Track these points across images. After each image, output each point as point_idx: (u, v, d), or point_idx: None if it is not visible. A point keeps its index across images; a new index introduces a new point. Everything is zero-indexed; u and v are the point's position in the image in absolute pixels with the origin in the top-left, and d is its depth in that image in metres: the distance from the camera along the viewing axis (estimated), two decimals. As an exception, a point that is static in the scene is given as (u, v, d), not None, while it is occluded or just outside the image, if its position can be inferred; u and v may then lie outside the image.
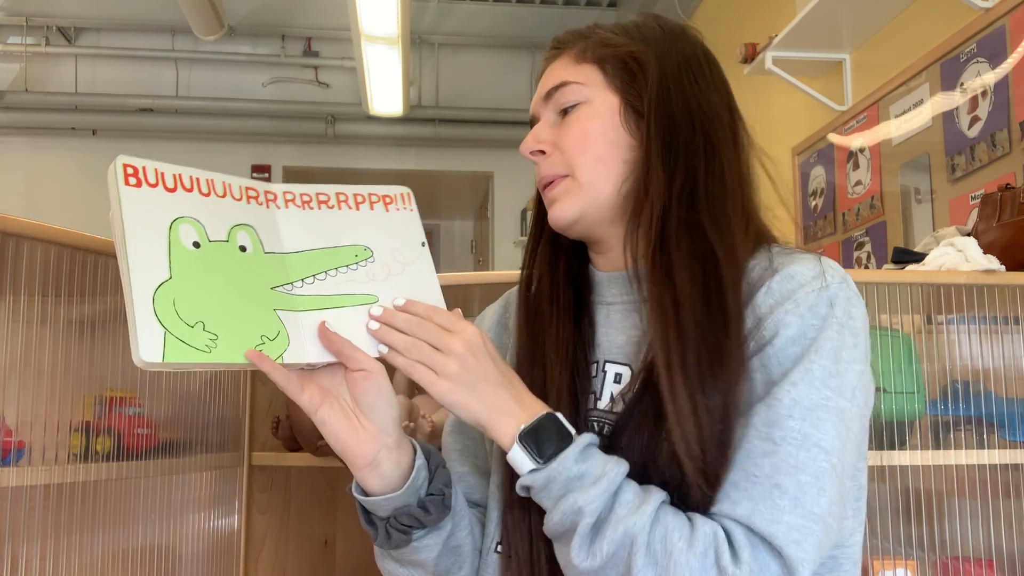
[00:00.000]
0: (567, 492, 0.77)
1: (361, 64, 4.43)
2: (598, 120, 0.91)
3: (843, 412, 0.78)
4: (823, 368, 0.78)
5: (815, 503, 0.75)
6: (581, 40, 0.96)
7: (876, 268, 2.72)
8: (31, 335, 1.25)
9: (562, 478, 0.77)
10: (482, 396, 0.80)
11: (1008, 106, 2.19)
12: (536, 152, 0.94)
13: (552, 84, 0.94)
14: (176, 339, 0.75)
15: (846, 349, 0.80)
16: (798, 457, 0.75)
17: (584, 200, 0.91)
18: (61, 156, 5.47)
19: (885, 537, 1.47)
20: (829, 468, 0.76)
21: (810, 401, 0.77)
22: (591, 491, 0.75)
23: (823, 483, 0.75)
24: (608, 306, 0.94)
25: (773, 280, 0.83)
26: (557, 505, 0.77)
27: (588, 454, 0.78)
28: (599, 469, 0.77)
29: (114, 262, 1.32)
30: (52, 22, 5.27)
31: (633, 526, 0.74)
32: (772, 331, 0.81)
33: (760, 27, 3.37)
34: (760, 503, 0.75)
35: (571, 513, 0.76)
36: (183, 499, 1.55)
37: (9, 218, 1.16)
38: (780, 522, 0.74)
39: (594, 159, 0.91)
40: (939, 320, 1.57)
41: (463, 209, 7.02)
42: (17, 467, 1.19)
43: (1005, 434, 1.49)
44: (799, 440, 0.76)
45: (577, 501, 0.75)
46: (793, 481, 0.75)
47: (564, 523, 0.76)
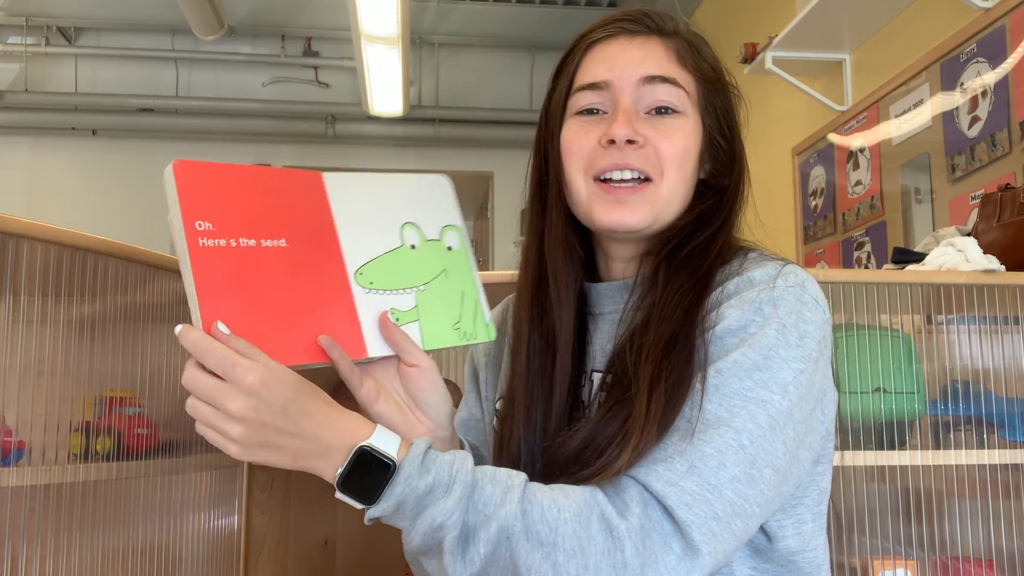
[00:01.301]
0: (421, 510, 0.72)
1: (361, 64, 4.43)
2: (694, 140, 0.90)
3: (766, 403, 0.77)
4: (751, 361, 0.78)
5: (713, 474, 0.74)
6: (673, 32, 0.92)
7: (876, 268, 2.71)
8: (31, 335, 1.25)
9: (412, 499, 0.72)
10: (281, 448, 0.73)
11: (1008, 106, 2.19)
12: (629, 142, 0.87)
13: (659, 72, 0.88)
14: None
15: (784, 348, 0.79)
16: (706, 434, 0.75)
17: (657, 213, 0.89)
18: (61, 156, 5.47)
19: (885, 537, 1.47)
20: (736, 447, 0.75)
21: (730, 389, 0.77)
22: (446, 503, 0.71)
23: (725, 458, 0.75)
24: (597, 316, 0.94)
25: (731, 282, 0.84)
26: (415, 525, 0.73)
27: (429, 463, 0.74)
28: (447, 475, 0.73)
29: (114, 262, 1.32)
30: (52, 22, 5.27)
31: (504, 519, 0.71)
32: (714, 321, 0.81)
33: (760, 27, 3.37)
34: (659, 465, 0.75)
35: (432, 531, 0.72)
36: (183, 499, 1.54)
37: (9, 218, 1.16)
38: (673, 484, 0.74)
39: (683, 178, 0.89)
40: (939, 320, 1.57)
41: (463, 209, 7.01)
42: (17, 467, 1.19)
43: (1005, 434, 1.49)
44: (711, 421, 0.76)
45: (436, 518, 0.71)
46: (695, 451, 0.75)
47: (427, 542, 0.73)
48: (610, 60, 0.90)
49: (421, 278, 0.87)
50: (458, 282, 0.89)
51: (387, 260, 0.86)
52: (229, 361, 0.71)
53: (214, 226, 0.77)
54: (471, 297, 0.88)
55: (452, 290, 0.88)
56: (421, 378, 0.83)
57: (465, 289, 0.89)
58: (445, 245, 0.90)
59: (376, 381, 0.84)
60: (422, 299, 0.86)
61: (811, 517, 0.86)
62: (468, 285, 0.89)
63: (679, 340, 0.80)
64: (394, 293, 0.85)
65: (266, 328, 0.77)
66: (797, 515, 0.86)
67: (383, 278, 0.85)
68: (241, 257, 0.77)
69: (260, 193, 0.81)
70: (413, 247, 0.87)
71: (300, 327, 0.79)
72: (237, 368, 0.71)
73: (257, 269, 0.78)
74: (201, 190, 0.77)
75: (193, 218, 0.76)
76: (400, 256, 0.86)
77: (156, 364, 1.45)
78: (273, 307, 0.78)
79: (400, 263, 0.86)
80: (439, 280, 0.88)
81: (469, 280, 0.90)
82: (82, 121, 5.37)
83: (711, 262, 0.86)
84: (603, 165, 0.88)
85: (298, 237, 0.81)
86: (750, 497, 0.76)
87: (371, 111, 5.14)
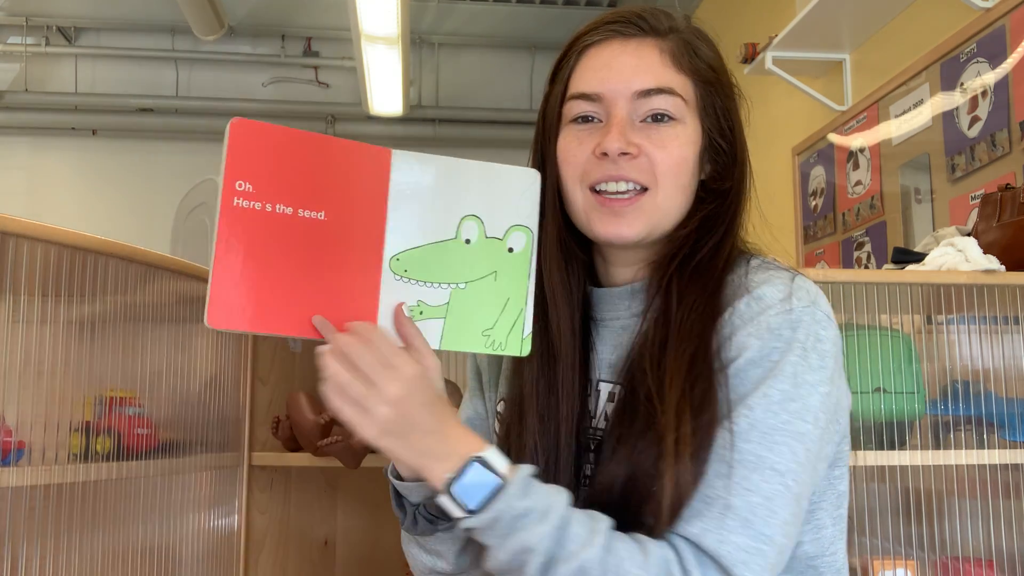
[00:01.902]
0: (513, 531, 0.74)
1: (361, 64, 4.43)
2: (692, 148, 0.88)
3: (803, 435, 0.78)
4: (781, 392, 0.78)
5: (765, 524, 0.75)
6: (670, 32, 0.89)
7: (876, 268, 2.71)
8: (31, 335, 1.25)
9: (507, 517, 0.74)
10: (411, 444, 0.76)
11: (1008, 106, 2.19)
12: (623, 153, 0.86)
13: (654, 85, 0.86)
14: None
15: (810, 372, 0.80)
16: (751, 479, 0.76)
17: (654, 223, 0.87)
18: (61, 156, 5.47)
19: (885, 537, 1.47)
20: (783, 490, 0.76)
21: (767, 425, 0.77)
22: (539, 528, 0.74)
23: (774, 505, 0.76)
24: (600, 323, 0.93)
25: (741, 301, 0.83)
26: (504, 544, 0.75)
27: (530, 489, 0.76)
28: (544, 503, 0.75)
29: (114, 262, 1.33)
30: (52, 22, 5.27)
31: (586, 561, 0.73)
32: (735, 352, 0.81)
33: (760, 27, 3.37)
34: (711, 523, 0.75)
35: (520, 552, 0.74)
36: (183, 499, 1.54)
37: (9, 218, 1.16)
38: (729, 542, 0.74)
39: (680, 187, 0.88)
40: (939, 320, 1.57)
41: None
42: (17, 467, 1.19)
43: (1005, 434, 1.49)
44: (753, 463, 0.76)
45: (527, 540, 0.74)
46: (744, 502, 0.75)
47: (512, 562, 0.75)
48: (604, 68, 0.88)
49: (464, 275, 0.83)
50: (507, 287, 0.85)
51: (431, 250, 0.83)
52: (395, 350, 0.77)
53: (254, 188, 0.77)
54: (516, 306, 0.85)
55: (496, 294, 0.84)
56: None
57: (512, 296, 0.85)
58: (507, 246, 0.85)
59: None
60: (457, 297, 0.83)
61: (830, 522, 0.87)
62: (517, 292, 0.85)
63: (700, 368, 0.80)
64: (428, 285, 0.82)
65: (276, 296, 0.77)
66: (816, 520, 0.86)
67: (420, 268, 0.82)
68: (273, 223, 0.77)
69: (314, 162, 0.80)
70: (468, 241, 0.84)
71: (311, 302, 0.78)
72: (401, 357, 0.76)
73: (285, 238, 0.78)
74: (253, 150, 0.78)
75: (235, 177, 0.76)
76: (448, 249, 0.83)
77: (156, 364, 1.45)
78: (289, 277, 0.78)
79: (445, 256, 0.83)
80: (485, 281, 0.84)
81: (521, 287, 0.85)
82: (82, 121, 5.37)
83: (721, 271, 0.86)
84: (597, 176, 0.87)
85: (340, 212, 0.80)
86: (793, 535, 0.79)
87: (371, 111, 5.14)
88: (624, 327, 0.91)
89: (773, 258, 0.91)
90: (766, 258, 0.90)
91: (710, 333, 0.81)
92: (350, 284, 0.80)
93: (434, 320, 0.83)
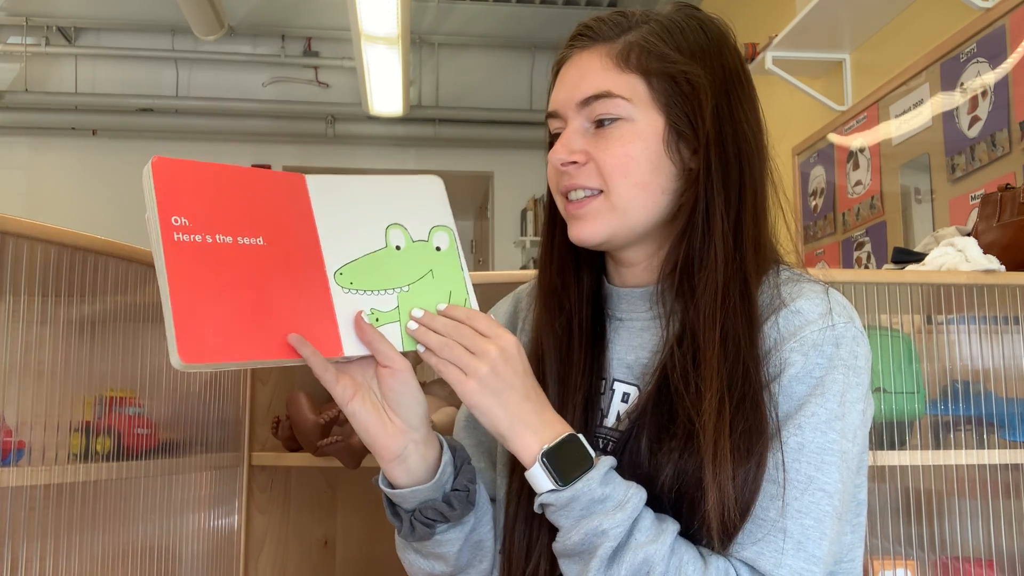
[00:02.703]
0: (590, 514, 0.77)
1: (361, 64, 4.43)
2: (641, 143, 0.87)
3: (845, 454, 0.80)
4: (828, 411, 0.80)
5: (817, 547, 0.78)
6: (619, 35, 0.89)
7: (876, 268, 2.71)
8: (31, 335, 1.25)
9: (585, 499, 0.77)
10: (506, 404, 0.79)
11: (1008, 106, 2.19)
12: (568, 163, 0.89)
13: (591, 92, 0.87)
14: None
15: (850, 389, 0.81)
16: (802, 501, 0.78)
17: (615, 224, 0.88)
18: (61, 156, 5.47)
19: (885, 537, 1.47)
20: (831, 511, 0.79)
21: (815, 445, 0.79)
22: (616, 515, 0.76)
23: (824, 527, 0.78)
24: (618, 322, 0.94)
25: (780, 315, 0.84)
26: (578, 525, 0.77)
27: (610, 478, 0.79)
28: (622, 494, 0.78)
29: (114, 262, 1.32)
30: (52, 22, 5.27)
31: (653, 554, 0.76)
32: (777, 368, 0.82)
33: (760, 27, 3.37)
34: (765, 546, 0.78)
35: (594, 535, 0.76)
36: (183, 499, 1.54)
37: (9, 218, 1.16)
38: (783, 565, 0.77)
39: (634, 184, 0.87)
40: (939, 320, 1.57)
41: (463, 209, 7.03)
42: (17, 467, 1.19)
43: (1005, 434, 1.49)
44: (804, 483, 0.78)
45: (602, 524, 0.76)
46: (797, 525, 0.78)
47: (584, 544, 0.77)
48: (558, 86, 0.92)
49: (404, 279, 0.87)
50: (446, 282, 0.89)
51: (369, 261, 0.86)
52: (493, 323, 0.82)
53: (190, 221, 0.77)
54: (459, 297, 0.88)
55: (438, 290, 0.88)
56: (393, 379, 0.83)
57: (453, 288, 0.88)
58: (433, 246, 0.90)
59: (353, 380, 0.83)
60: (404, 299, 0.86)
61: (850, 529, 0.87)
62: (457, 285, 0.89)
63: (741, 383, 0.80)
64: (375, 294, 0.85)
65: (240, 324, 0.77)
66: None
67: (363, 279, 0.85)
68: (216, 253, 0.78)
69: (239, 192, 0.81)
70: (398, 248, 0.88)
71: (275, 324, 0.79)
72: (500, 328, 0.81)
73: (233, 266, 0.78)
74: (179, 186, 0.78)
75: (169, 213, 0.76)
76: (383, 257, 0.87)
77: (156, 364, 1.45)
78: (248, 304, 0.78)
79: (383, 264, 0.86)
80: (424, 280, 0.88)
81: (459, 279, 0.89)
82: (82, 121, 5.38)
83: (727, 272, 0.85)
84: (560, 186, 0.91)
85: (276, 236, 0.82)
86: (836, 551, 0.82)
87: (371, 111, 5.15)
88: (644, 328, 0.91)
89: (804, 270, 0.90)
90: (793, 268, 0.90)
91: (739, 357, 0.81)
92: (305, 302, 0.81)
93: (390, 324, 0.85)
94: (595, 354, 0.92)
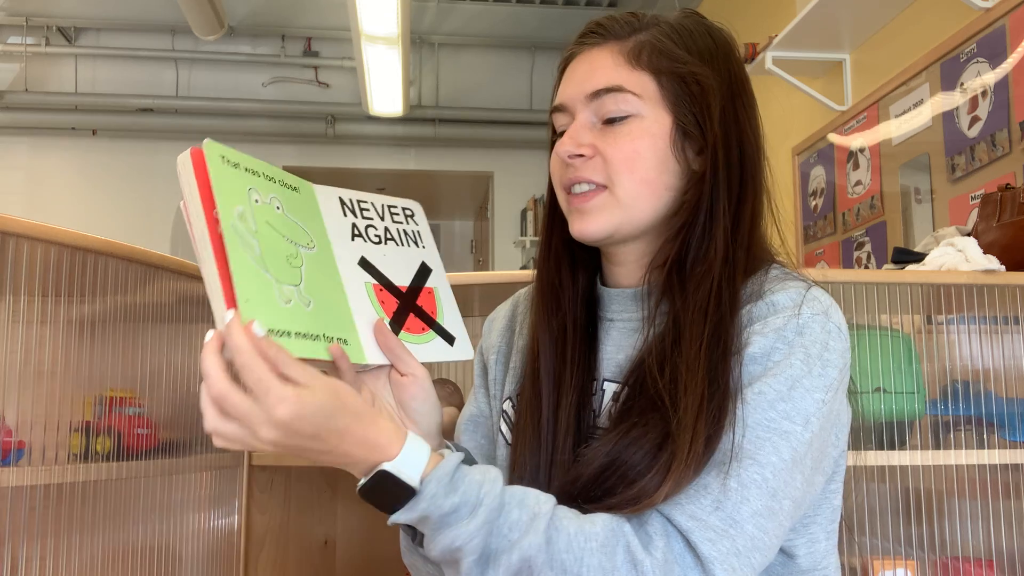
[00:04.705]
0: (443, 527, 0.72)
1: (361, 64, 4.43)
2: (649, 140, 0.87)
3: (788, 434, 0.78)
4: (775, 392, 0.79)
5: (736, 509, 0.75)
6: (631, 34, 0.90)
7: (876, 268, 2.71)
8: (31, 335, 1.25)
9: (436, 515, 0.72)
10: (313, 458, 0.73)
11: (1008, 106, 2.19)
12: (575, 156, 0.89)
13: (603, 85, 0.88)
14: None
15: (808, 378, 0.80)
16: (729, 466, 0.76)
17: (619, 219, 0.88)
18: (61, 156, 5.47)
19: (885, 537, 1.47)
20: (760, 480, 0.76)
21: (753, 420, 0.78)
22: (469, 526, 0.72)
23: (748, 492, 0.75)
24: (609, 322, 0.94)
25: (755, 305, 0.84)
26: (435, 539, 0.73)
27: (458, 481, 0.73)
28: (474, 496, 0.73)
29: (114, 262, 1.33)
30: (52, 22, 5.27)
31: (528, 548, 0.71)
32: (738, 347, 0.81)
33: (760, 27, 3.37)
34: (683, 498, 0.75)
35: (450, 551, 0.72)
36: (183, 499, 1.54)
37: (9, 218, 1.16)
38: (698, 519, 0.74)
39: (640, 180, 0.87)
40: (939, 320, 1.57)
41: (463, 209, 7.02)
42: (17, 467, 1.19)
43: (1005, 434, 1.49)
44: (735, 452, 0.76)
45: (455, 540, 0.72)
46: (719, 484, 0.75)
47: (445, 557, 0.74)
48: (566, 81, 0.92)
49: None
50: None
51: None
52: (264, 386, 0.67)
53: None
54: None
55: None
56: (414, 387, 0.82)
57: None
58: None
59: (368, 389, 0.83)
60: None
61: (824, 536, 0.87)
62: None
63: (715, 366, 0.79)
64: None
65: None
66: (810, 534, 0.86)
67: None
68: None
69: None
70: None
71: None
72: (270, 396, 0.67)
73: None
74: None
75: (213, 205, 0.75)
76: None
77: (156, 364, 1.45)
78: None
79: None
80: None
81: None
82: (82, 121, 5.38)
83: (721, 271, 0.85)
84: (564, 180, 0.90)
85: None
86: (769, 530, 0.77)
87: (371, 111, 5.14)
88: (634, 328, 0.91)
89: (799, 272, 0.90)
90: (787, 268, 0.90)
91: (724, 335, 0.81)
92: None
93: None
94: (588, 354, 0.92)
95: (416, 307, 0.89)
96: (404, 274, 0.91)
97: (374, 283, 0.87)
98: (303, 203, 0.84)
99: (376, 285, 0.87)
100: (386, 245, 0.91)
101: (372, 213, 0.92)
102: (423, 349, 0.87)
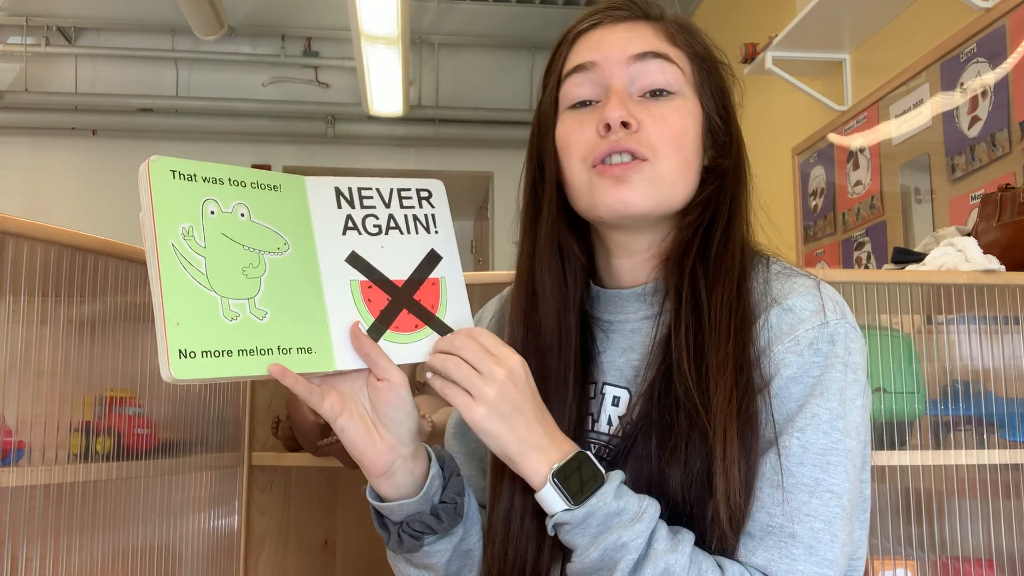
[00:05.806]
0: (607, 528, 0.75)
1: (361, 64, 4.42)
2: (692, 121, 0.86)
3: (850, 452, 0.79)
4: (829, 411, 0.78)
5: (828, 549, 0.76)
6: (660, 17, 0.89)
7: (876, 268, 2.71)
8: (31, 335, 1.25)
9: (601, 514, 0.75)
10: (515, 428, 0.77)
11: (1008, 106, 2.19)
12: (625, 125, 0.83)
13: (648, 48, 0.85)
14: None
15: (848, 386, 0.80)
16: (811, 504, 0.76)
17: (661, 195, 0.84)
18: (61, 156, 5.47)
19: (885, 537, 1.47)
20: (841, 512, 0.77)
21: (819, 446, 0.78)
22: (635, 527, 0.75)
23: (835, 529, 0.77)
24: (607, 324, 0.91)
25: (771, 313, 0.82)
26: (595, 542, 0.75)
27: (623, 491, 0.77)
28: (636, 506, 0.76)
29: (114, 262, 1.32)
30: (52, 22, 5.27)
31: (673, 564, 0.74)
32: (773, 370, 0.80)
33: (760, 27, 3.37)
34: (776, 553, 0.76)
35: (613, 549, 0.74)
36: (183, 499, 1.54)
37: (9, 218, 1.16)
38: (796, 571, 0.75)
39: (683, 160, 0.85)
40: (939, 320, 1.56)
41: (463, 209, 7.02)
42: (17, 467, 1.19)
43: (1005, 434, 1.49)
44: (811, 486, 0.77)
45: (621, 537, 0.74)
46: (807, 529, 0.76)
47: (603, 560, 0.75)
48: (596, 44, 0.87)
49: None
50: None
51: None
52: (499, 341, 0.79)
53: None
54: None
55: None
56: (389, 393, 0.80)
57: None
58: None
59: (341, 394, 0.80)
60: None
61: (858, 525, 0.87)
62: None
63: (743, 386, 0.79)
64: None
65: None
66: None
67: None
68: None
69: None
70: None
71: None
72: (506, 348, 0.78)
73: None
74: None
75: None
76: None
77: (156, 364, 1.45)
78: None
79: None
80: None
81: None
82: (82, 121, 5.37)
83: (740, 262, 0.84)
84: (601, 151, 0.84)
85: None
86: (849, 552, 0.80)
87: (371, 111, 5.14)
88: (635, 330, 0.89)
89: (790, 264, 0.90)
90: (781, 261, 0.89)
91: (747, 345, 0.81)
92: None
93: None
94: (584, 358, 0.90)
95: (411, 302, 0.84)
96: (403, 266, 0.86)
97: (362, 280, 0.82)
98: (283, 203, 0.80)
99: (364, 282, 0.82)
100: (386, 235, 0.86)
101: (375, 201, 0.86)
102: (411, 349, 0.82)
